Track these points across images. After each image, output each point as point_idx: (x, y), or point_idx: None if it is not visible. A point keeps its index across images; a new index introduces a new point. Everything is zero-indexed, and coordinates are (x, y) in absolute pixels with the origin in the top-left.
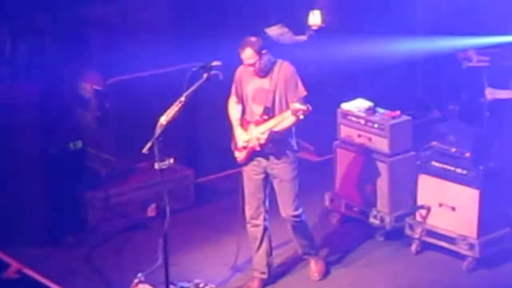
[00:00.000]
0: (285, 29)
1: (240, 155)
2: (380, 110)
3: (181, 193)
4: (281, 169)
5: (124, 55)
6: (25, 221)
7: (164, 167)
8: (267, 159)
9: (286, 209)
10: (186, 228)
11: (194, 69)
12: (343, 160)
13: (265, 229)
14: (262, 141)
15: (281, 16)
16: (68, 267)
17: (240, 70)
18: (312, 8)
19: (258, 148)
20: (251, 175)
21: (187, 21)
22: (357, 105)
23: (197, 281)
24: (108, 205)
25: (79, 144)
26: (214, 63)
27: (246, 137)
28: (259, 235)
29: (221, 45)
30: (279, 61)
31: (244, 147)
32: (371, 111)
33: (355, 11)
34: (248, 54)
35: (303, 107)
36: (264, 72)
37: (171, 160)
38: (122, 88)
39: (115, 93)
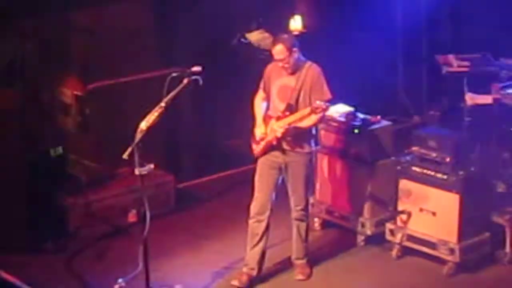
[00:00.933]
0: (266, 34)
1: (257, 148)
2: (361, 115)
3: (161, 199)
4: (297, 165)
5: (105, 60)
6: (6, 227)
7: (145, 172)
8: (284, 154)
9: (297, 202)
10: (166, 233)
11: (174, 74)
12: (324, 165)
13: (267, 227)
14: (279, 135)
15: (262, 22)
16: (48, 273)
17: (270, 67)
18: (293, 13)
19: (274, 142)
20: (265, 169)
21: (168, 27)
22: (338, 110)
23: (177, 286)
24: (88, 211)
25: (60, 150)
26: (194, 69)
27: (262, 130)
28: (260, 232)
29: (201, 50)
30: (309, 62)
31: (262, 139)
32: (351, 116)
33: (336, 17)
34: (279, 50)
35: (322, 105)
36: (292, 70)
37: (152, 166)
38: (102, 94)
39: (96, 99)
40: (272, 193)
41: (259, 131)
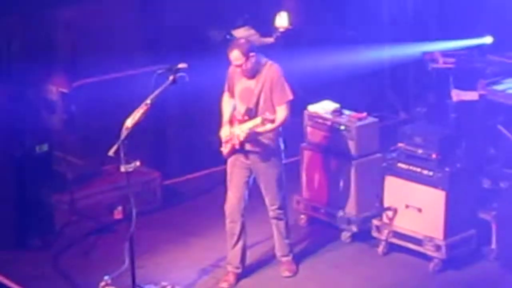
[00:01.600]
0: (252, 31)
1: (224, 150)
2: (347, 112)
3: (147, 196)
4: (265, 167)
5: (90, 57)
6: None
7: (130, 169)
8: (251, 157)
9: (272, 202)
10: (152, 230)
11: (159, 71)
12: (309, 162)
13: (243, 225)
14: (241, 139)
15: (248, 18)
16: (34, 270)
17: (232, 68)
18: (279, 10)
19: (237, 146)
20: (235, 170)
21: (154, 24)
22: (324, 107)
23: (164, 283)
24: (74, 208)
25: (45, 147)
26: (180, 66)
27: (227, 133)
28: (237, 231)
29: (187, 47)
30: (269, 63)
31: (227, 141)
32: (337, 113)
33: (322, 14)
34: (235, 55)
35: (271, 117)
36: (251, 74)
37: (137, 163)
38: (88, 91)
39: (81, 96)
40: (243, 192)
41: (223, 133)
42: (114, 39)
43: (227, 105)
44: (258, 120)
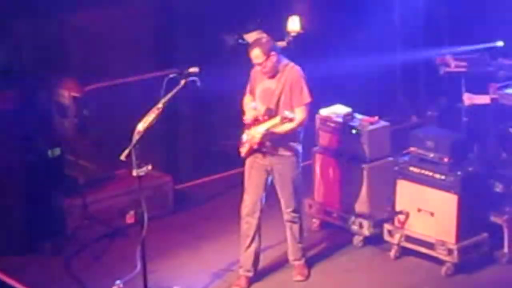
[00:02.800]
0: (264, 35)
1: (242, 150)
2: (358, 116)
3: (159, 200)
4: (283, 168)
5: (102, 62)
6: (3, 229)
7: (142, 173)
8: (269, 158)
9: (287, 205)
10: (164, 234)
11: (171, 75)
12: (321, 166)
13: (258, 227)
14: (257, 140)
15: (260, 22)
16: (46, 274)
17: (254, 70)
18: (291, 14)
19: (255, 146)
20: (252, 171)
21: (165, 28)
22: (336, 111)
23: (176, 287)
24: (86, 212)
25: (57, 151)
26: (192, 70)
27: (245, 135)
28: (251, 233)
29: (199, 51)
30: (290, 64)
31: (247, 141)
32: (349, 117)
33: (334, 18)
34: (256, 54)
35: (290, 116)
36: (271, 73)
37: (149, 167)
38: (100, 95)
39: (93, 100)
40: (261, 194)
41: (243, 136)
42: (126, 44)
43: (249, 103)
44: (277, 119)
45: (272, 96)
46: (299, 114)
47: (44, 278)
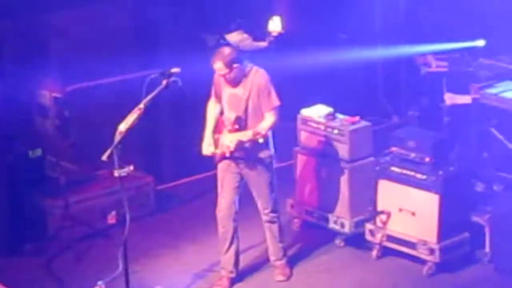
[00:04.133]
0: (245, 35)
1: (215, 156)
2: (340, 116)
3: (141, 200)
4: (256, 173)
5: (84, 62)
6: None
7: (124, 174)
8: (241, 163)
9: (264, 206)
10: (146, 235)
11: (153, 76)
12: (303, 166)
13: (235, 230)
14: (231, 149)
15: (241, 23)
16: (28, 275)
17: (217, 74)
18: (272, 14)
19: (228, 155)
20: (225, 175)
21: (147, 28)
22: (317, 111)
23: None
24: (67, 212)
25: (39, 152)
26: (173, 70)
27: (212, 145)
28: (229, 236)
29: (181, 52)
30: (254, 68)
31: (212, 153)
32: (331, 116)
33: (315, 18)
34: (218, 66)
35: (262, 131)
36: (234, 82)
37: (131, 167)
38: (81, 96)
39: (75, 101)
40: (235, 197)
41: (206, 147)
42: (107, 44)
43: (212, 113)
44: (249, 133)
45: (240, 103)
46: (269, 118)
47: (25, 279)
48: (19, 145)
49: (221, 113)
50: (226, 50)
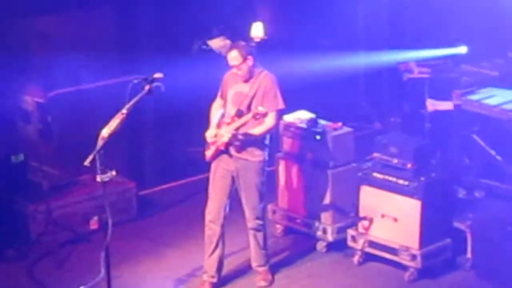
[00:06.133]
0: (227, 41)
1: (208, 153)
2: (322, 122)
3: (123, 206)
4: (247, 174)
5: (66, 67)
6: None
7: (106, 179)
8: (234, 160)
9: (251, 212)
10: (128, 240)
11: (135, 81)
12: (285, 171)
13: (222, 234)
14: (226, 139)
15: (223, 28)
16: (10, 280)
17: (227, 74)
18: (255, 20)
19: (222, 147)
20: (217, 177)
21: (130, 33)
22: (299, 117)
23: None
24: (50, 218)
25: (21, 157)
26: (156, 75)
27: (212, 134)
28: (215, 240)
29: (163, 57)
30: (265, 71)
31: (212, 143)
32: (313, 122)
33: (297, 24)
34: (233, 55)
35: (263, 110)
36: (246, 77)
37: (113, 173)
38: (64, 101)
39: (57, 106)
40: (225, 201)
41: (209, 134)
42: (89, 49)
43: (216, 110)
44: (249, 115)
45: (245, 99)
46: (270, 119)
47: (7, 284)
48: (1, 150)
49: (223, 116)
50: (242, 42)
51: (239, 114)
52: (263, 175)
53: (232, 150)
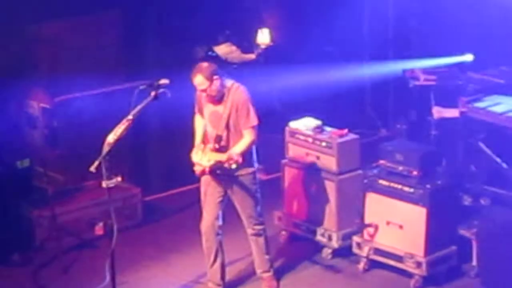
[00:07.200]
0: (234, 47)
1: (197, 169)
2: (328, 129)
3: (128, 212)
4: (240, 188)
5: (72, 73)
6: None
7: (112, 185)
8: (224, 180)
9: (249, 221)
10: (134, 246)
11: (141, 87)
12: (291, 178)
13: (219, 244)
14: (207, 170)
15: (229, 35)
16: (14, 286)
17: (199, 91)
18: (261, 27)
19: (207, 173)
20: (208, 189)
21: (136, 40)
22: (305, 124)
23: None
24: (55, 223)
25: (27, 162)
26: (162, 81)
27: (197, 158)
28: (213, 250)
29: (169, 63)
30: (235, 85)
31: (198, 164)
32: (319, 129)
33: (304, 31)
34: (199, 80)
35: (234, 156)
36: (216, 98)
37: (119, 179)
38: (70, 106)
39: (63, 112)
40: (218, 212)
41: (194, 157)
42: (96, 55)
43: (200, 126)
44: (224, 157)
45: (220, 120)
46: (247, 137)
47: None
48: (7, 155)
49: (205, 131)
50: (204, 64)
51: (219, 140)
52: (256, 183)
53: (221, 171)
